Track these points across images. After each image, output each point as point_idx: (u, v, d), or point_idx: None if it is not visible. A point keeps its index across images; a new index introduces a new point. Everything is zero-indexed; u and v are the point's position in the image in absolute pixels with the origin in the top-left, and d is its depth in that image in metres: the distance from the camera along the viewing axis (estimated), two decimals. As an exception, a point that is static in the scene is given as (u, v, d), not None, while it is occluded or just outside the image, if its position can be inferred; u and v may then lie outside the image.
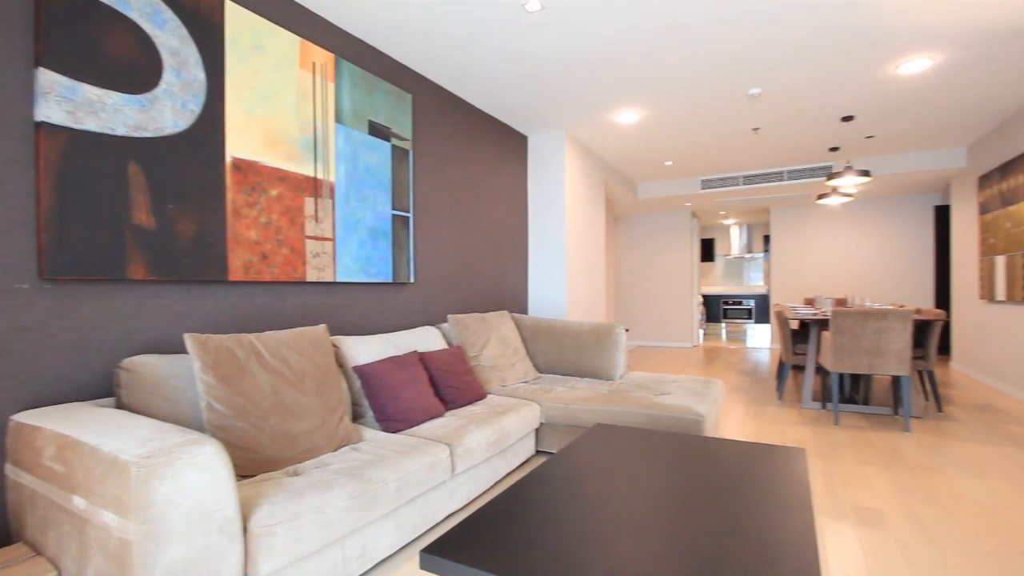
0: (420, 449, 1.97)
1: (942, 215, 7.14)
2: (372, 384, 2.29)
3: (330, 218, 2.61)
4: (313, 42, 2.56)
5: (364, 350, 2.48)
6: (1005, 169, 4.55)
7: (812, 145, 5.29)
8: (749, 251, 11.25)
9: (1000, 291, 4.62)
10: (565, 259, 4.64)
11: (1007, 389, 4.54)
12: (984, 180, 5.04)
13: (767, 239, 10.95)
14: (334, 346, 2.42)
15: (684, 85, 3.65)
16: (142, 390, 1.68)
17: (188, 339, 1.73)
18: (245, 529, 1.36)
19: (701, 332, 9.28)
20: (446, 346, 3.10)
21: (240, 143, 2.18)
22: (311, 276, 2.50)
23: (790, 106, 4.11)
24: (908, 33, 2.92)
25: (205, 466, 1.24)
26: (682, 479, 1.53)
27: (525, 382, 3.33)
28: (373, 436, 2.13)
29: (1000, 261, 4.63)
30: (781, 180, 6.24)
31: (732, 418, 3.83)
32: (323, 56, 2.58)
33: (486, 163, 4.14)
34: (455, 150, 3.74)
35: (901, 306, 4.14)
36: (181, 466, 1.19)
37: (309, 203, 2.49)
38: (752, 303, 10.98)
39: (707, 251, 11.82)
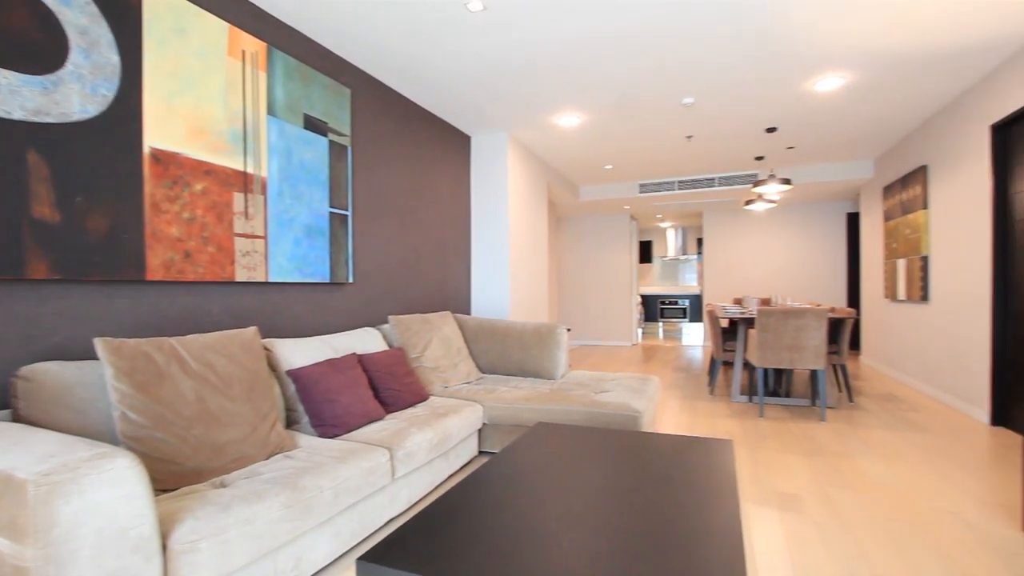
0: (358, 454, 1.92)
1: (853, 221, 7.79)
2: (307, 388, 2.20)
3: (262, 215, 2.49)
4: (243, 29, 2.43)
5: (299, 353, 2.38)
6: (905, 181, 5.02)
7: (740, 153, 5.61)
8: (684, 253, 11.78)
9: (901, 291, 5.09)
10: (508, 259, 4.66)
11: (907, 380, 5.01)
12: (888, 190, 5.54)
13: (700, 242, 11.51)
14: (266, 349, 2.30)
15: (623, 91, 3.77)
16: (44, 400, 1.53)
17: (99, 344, 1.59)
18: (164, 547, 1.26)
19: (640, 331, 9.61)
20: (387, 348, 3.04)
21: (160, 133, 2.03)
22: (241, 276, 2.37)
23: (720, 116, 4.33)
24: (823, 53, 3.16)
25: (117, 481, 1.14)
26: (619, 474, 1.58)
27: (468, 383, 3.31)
28: (308, 442, 2.04)
29: (901, 264, 5.11)
30: (713, 186, 6.58)
31: (668, 413, 3.99)
32: (254, 44, 2.45)
33: (428, 162, 4.09)
34: (396, 148, 3.67)
35: (818, 305, 4.46)
36: (89, 483, 1.09)
37: (238, 199, 2.36)
38: (687, 303, 11.50)
39: (645, 253, 12.26)
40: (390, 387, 2.63)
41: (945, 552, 1.88)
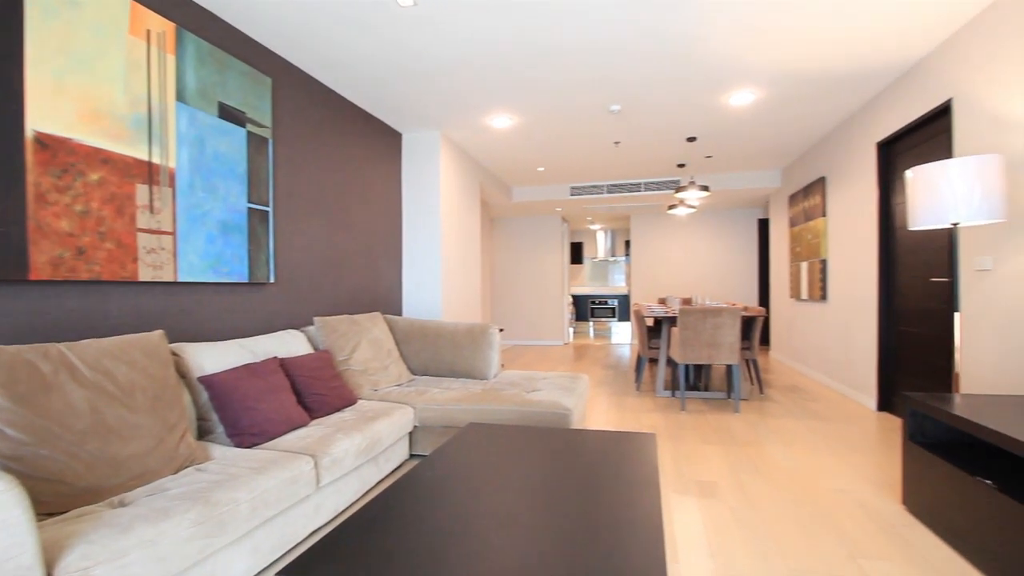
0: (279, 463, 1.82)
1: (764, 227, 8.42)
2: (222, 395, 2.05)
3: (170, 209, 2.30)
4: (147, 6, 2.23)
5: (213, 358, 2.22)
6: (807, 190, 5.49)
7: (664, 160, 5.90)
8: (613, 255, 12.21)
9: (804, 291, 5.57)
10: (440, 259, 4.61)
11: (809, 372, 5.48)
12: (793, 199, 6.04)
13: (628, 244, 11.97)
14: (175, 354, 2.13)
15: (554, 95, 3.84)
16: None
17: (-32, 352, 1.40)
18: (49, 577, 1.13)
19: (571, 330, 9.85)
20: (312, 351, 2.90)
21: (46, 115, 1.82)
22: (145, 275, 2.18)
23: (645, 124, 4.53)
24: (735, 70, 3.39)
25: (-11, 507, 1.01)
26: (549, 471, 1.61)
27: (399, 385, 3.24)
28: (224, 453, 1.91)
29: (804, 266, 5.58)
30: (639, 190, 6.87)
31: (597, 409, 4.11)
32: (161, 24, 2.26)
33: (358, 158, 3.96)
34: (323, 142, 3.52)
35: (733, 304, 4.78)
36: (-48, 510, 0.96)
37: (142, 191, 2.16)
38: (616, 303, 11.92)
39: (576, 254, 12.58)
40: (315, 392, 2.52)
41: (839, 527, 2.08)
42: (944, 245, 3.16)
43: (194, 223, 2.42)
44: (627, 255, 12.07)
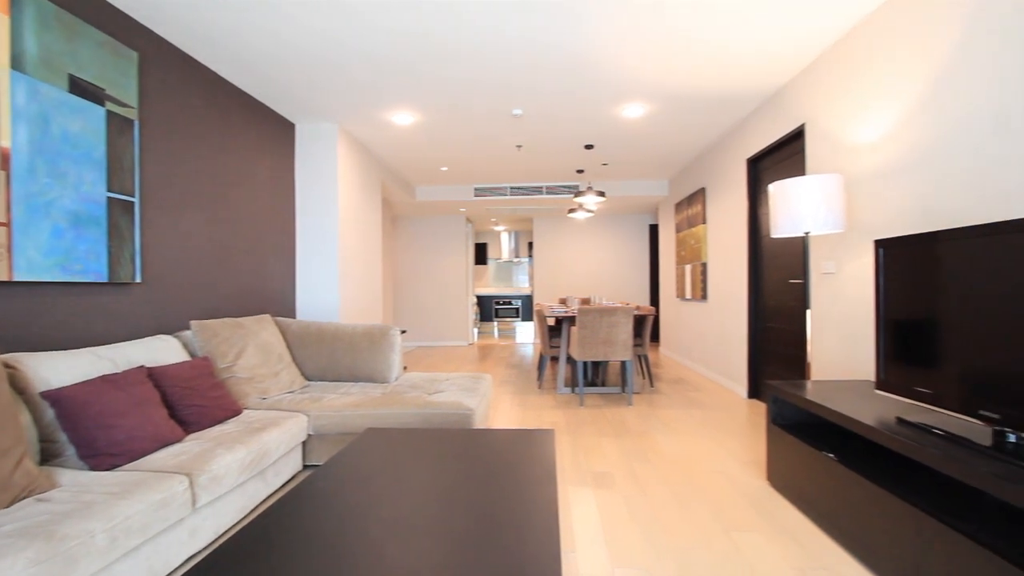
0: (146, 485, 1.62)
1: (654, 232, 9.06)
2: (72, 412, 1.79)
3: (3, 196, 1.95)
4: (-27, -45, 1.88)
5: (60, 369, 1.92)
6: (691, 199, 6.00)
7: (564, 165, 6.13)
8: (517, 256, 12.45)
9: (688, 291, 6.07)
10: (338, 258, 4.40)
11: (692, 365, 5.99)
12: (678, 206, 6.56)
13: (531, 245, 12.28)
14: (9, 367, 1.82)
15: (456, 94, 3.83)
16: None
17: None
18: None
19: (476, 331, 9.88)
20: (188, 358, 2.63)
21: None
22: (-32, 273, 1.83)
23: (546, 129, 4.67)
24: (626, 85, 3.61)
25: None
26: (448, 473, 1.59)
27: (291, 392, 3.04)
28: (76, 479, 1.67)
29: (688, 269, 6.09)
30: (541, 193, 7.07)
31: (500, 408, 4.16)
32: (-9, -23, 1.91)
33: (244, 148, 3.65)
34: (202, 128, 3.20)
35: (627, 304, 5.08)
36: None
37: (-36, 173, 1.82)
38: (520, 303, 12.16)
39: (480, 255, 12.65)
40: (192, 403, 2.28)
41: (715, 503, 2.29)
42: (799, 251, 3.62)
43: (36, 213, 2.08)
44: (530, 256, 12.37)
